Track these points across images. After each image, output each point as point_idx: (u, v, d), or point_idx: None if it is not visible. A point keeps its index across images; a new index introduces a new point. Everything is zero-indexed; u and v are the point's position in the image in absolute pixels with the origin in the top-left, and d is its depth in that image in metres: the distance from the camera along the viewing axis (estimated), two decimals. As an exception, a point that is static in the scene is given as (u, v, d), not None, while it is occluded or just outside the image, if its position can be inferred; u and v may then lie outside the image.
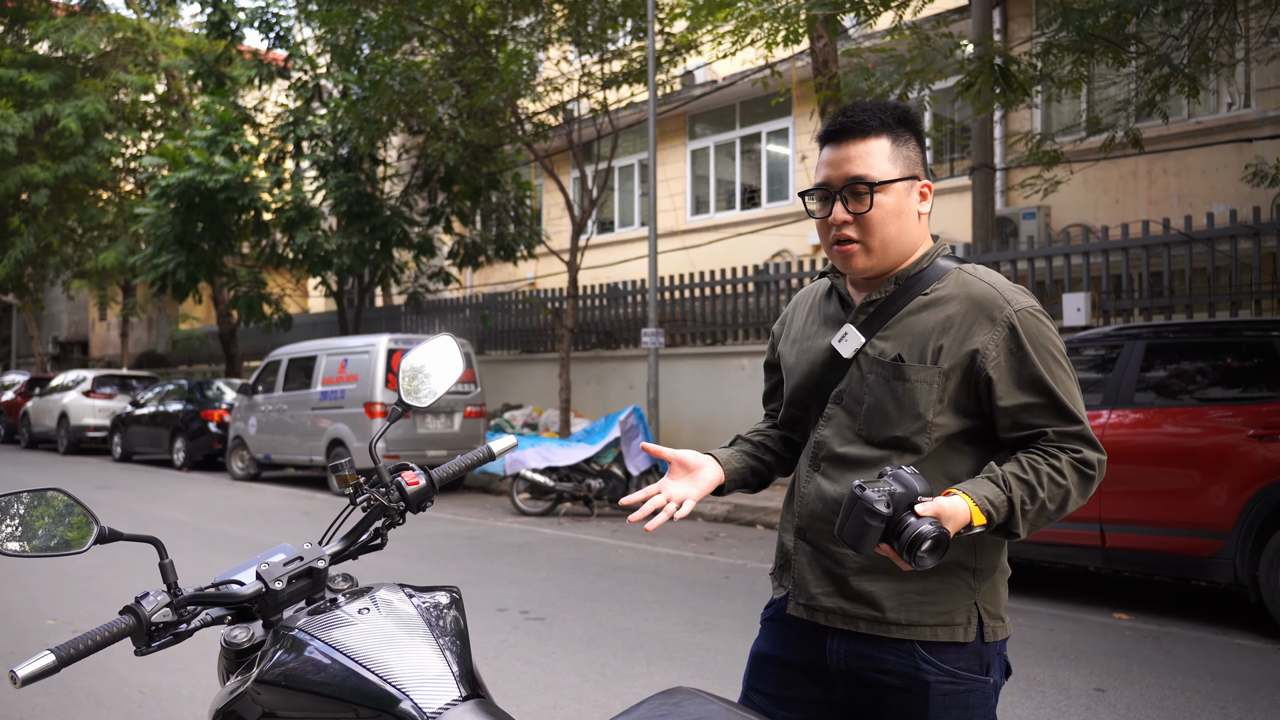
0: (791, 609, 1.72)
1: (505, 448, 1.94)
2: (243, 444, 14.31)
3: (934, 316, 1.63)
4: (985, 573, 1.64)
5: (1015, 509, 1.51)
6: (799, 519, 1.73)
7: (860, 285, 1.74)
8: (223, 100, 16.68)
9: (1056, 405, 1.58)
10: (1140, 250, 9.69)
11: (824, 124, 1.72)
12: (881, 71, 8.83)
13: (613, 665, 4.80)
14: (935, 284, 1.66)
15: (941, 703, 1.60)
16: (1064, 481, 1.55)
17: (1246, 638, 5.32)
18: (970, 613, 1.62)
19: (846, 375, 1.69)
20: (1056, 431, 1.58)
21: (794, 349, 1.83)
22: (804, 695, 1.72)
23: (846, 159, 1.64)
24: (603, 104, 13.80)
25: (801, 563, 1.72)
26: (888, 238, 1.65)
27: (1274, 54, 9.96)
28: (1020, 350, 1.58)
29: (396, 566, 7.00)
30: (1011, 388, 1.58)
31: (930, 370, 1.60)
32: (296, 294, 23.62)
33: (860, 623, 1.64)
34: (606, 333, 15.11)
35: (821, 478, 1.70)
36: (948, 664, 1.60)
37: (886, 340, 1.66)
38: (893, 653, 1.62)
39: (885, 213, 1.63)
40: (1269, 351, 5.57)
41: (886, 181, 1.63)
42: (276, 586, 1.56)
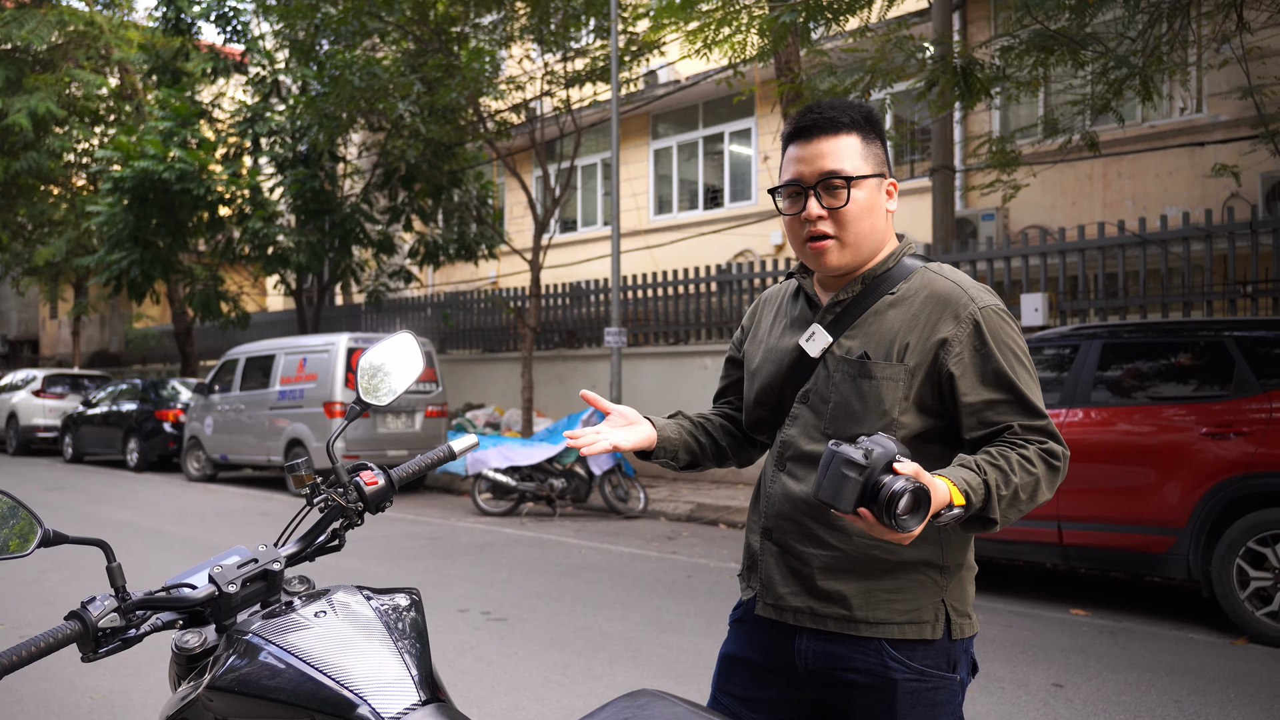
0: (760, 609, 1.72)
1: (466, 447, 1.91)
2: (198, 444, 14.08)
3: (900, 315, 1.63)
4: (953, 570, 1.65)
5: (991, 492, 1.49)
6: (765, 519, 1.72)
7: (827, 285, 1.74)
8: (178, 95, 16.38)
9: (1020, 401, 1.58)
10: (1096, 252, 9.84)
11: (790, 122, 1.70)
12: (844, 72, 8.88)
13: (575, 666, 4.77)
14: (902, 283, 1.67)
15: (909, 700, 1.60)
16: (1034, 470, 1.54)
17: (1200, 632, 5.42)
18: (938, 610, 1.62)
19: (813, 375, 1.69)
20: (1021, 425, 1.57)
21: (760, 348, 1.82)
22: (773, 697, 1.72)
23: (820, 154, 1.64)
24: (565, 103, 13.75)
25: (768, 563, 1.71)
26: (861, 233, 1.65)
27: (1225, 59, 10.17)
28: (984, 347, 1.58)
29: (355, 568, 6.91)
30: (975, 384, 1.58)
31: (896, 368, 1.60)
32: (254, 292, 23.29)
33: (828, 621, 1.64)
34: (569, 332, 15.06)
35: (787, 477, 1.69)
36: (915, 662, 1.60)
37: (854, 339, 1.66)
38: (861, 651, 1.62)
39: (860, 208, 1.63)
40: (1221, 351, 5.67)
41: (861, 176, 1.64)
42: (230, 590, 1.52)
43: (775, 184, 1.72)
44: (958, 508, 1.44)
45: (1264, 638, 5.15)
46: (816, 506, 1.62)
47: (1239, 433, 5.36)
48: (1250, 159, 10.04)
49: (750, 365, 1.84)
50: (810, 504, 1.63)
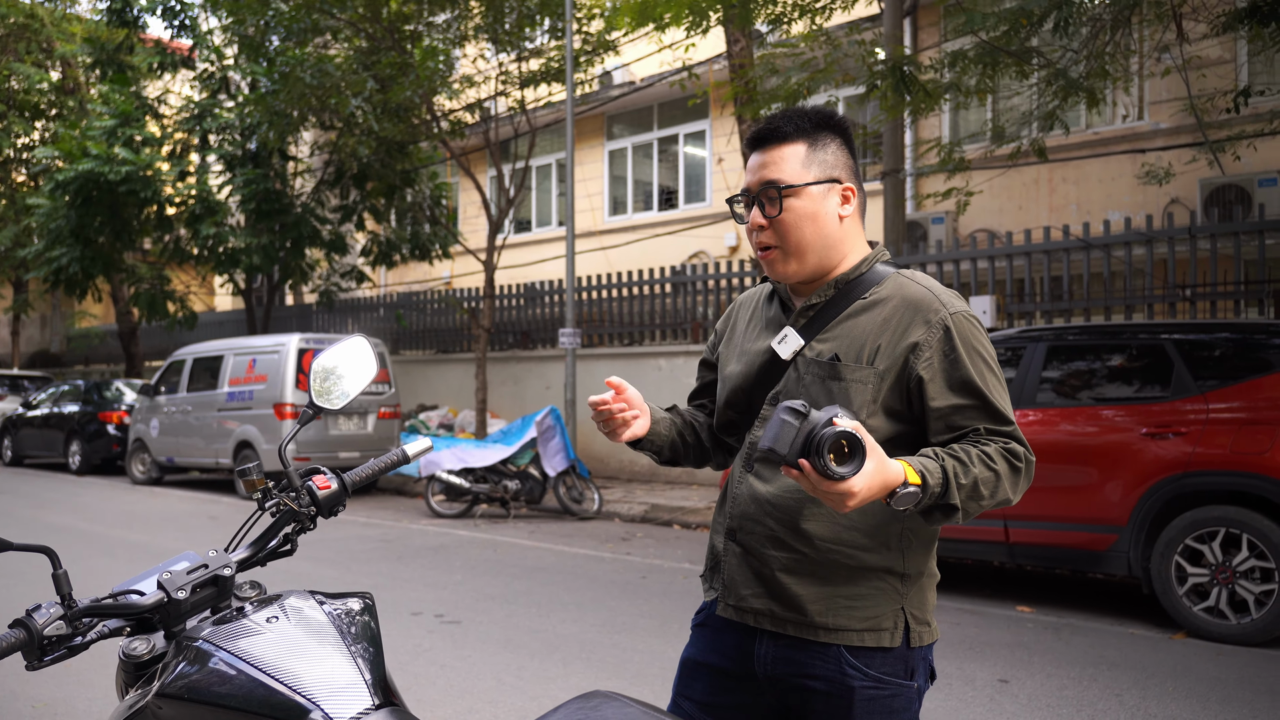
0: (721, 610, 1.73)
1: (420, 450, 1.91)
2: (144, 447, 13.80)
3: (872, 319, 1.64)
4: (913, 578, 1.65)
5: (949, 478, 1.48)
6: (730, 520, 1.73)
7: (800, 290, 1.75)
8: (123, 90, 16.04)
9: (986, 407, 1.58)
10: (1042, 255, 10.04)
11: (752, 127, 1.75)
12: (790, 72, 8.97)
13: (529, 668, 4.77)
14: (875, 288, 1.68)
15: (865, 708, 1.61)
16: (995, 466, 1.54)
17: (1140, 627, 5.56)
18: (897, 618, 1.63)
19: (783, 377, 1.70)
20: (987, 429, 1.58)
21: (734, 351, 1.83)
22: (733, 702, 1.72)
23: (763, 164, 1.67)
24: (520, 103, 13.71)
25: (731, 564, 1.71)
26: (803, 241, 1.65)
27: (1166, 68, 10.44)
28: (953, 353, 1.59)
29: (306, 572, 6.83)
30: (943, 389, 1.59)
31: (866, 370, 1.61)
32: (202, 292, 22.86)
33: (788, 625, 1.64)
34: (523, 333, 15.01)
35: (754, 478, 1.70)
36: (873, 669, 1.61)
37: (825, 342, 1.67)
38: (819, 658, 1.62)
39: (796, 216, 1.64)
40: (1160, 354, 5.83)
41: (797, 185, 1.64)
42: (179, 596, 1.50)
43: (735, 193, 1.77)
44: (912, 485, 1.44)
45: (1201, 632, 5.31)
46: (782, 507, 1.64)
47: (1177, 433, 5.51)
48: (1190, 165, 10.33)
49: (723, 368, 1.85)
50: (776, 505, 1.64)
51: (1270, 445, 5.23)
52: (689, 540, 8.84)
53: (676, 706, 1.79)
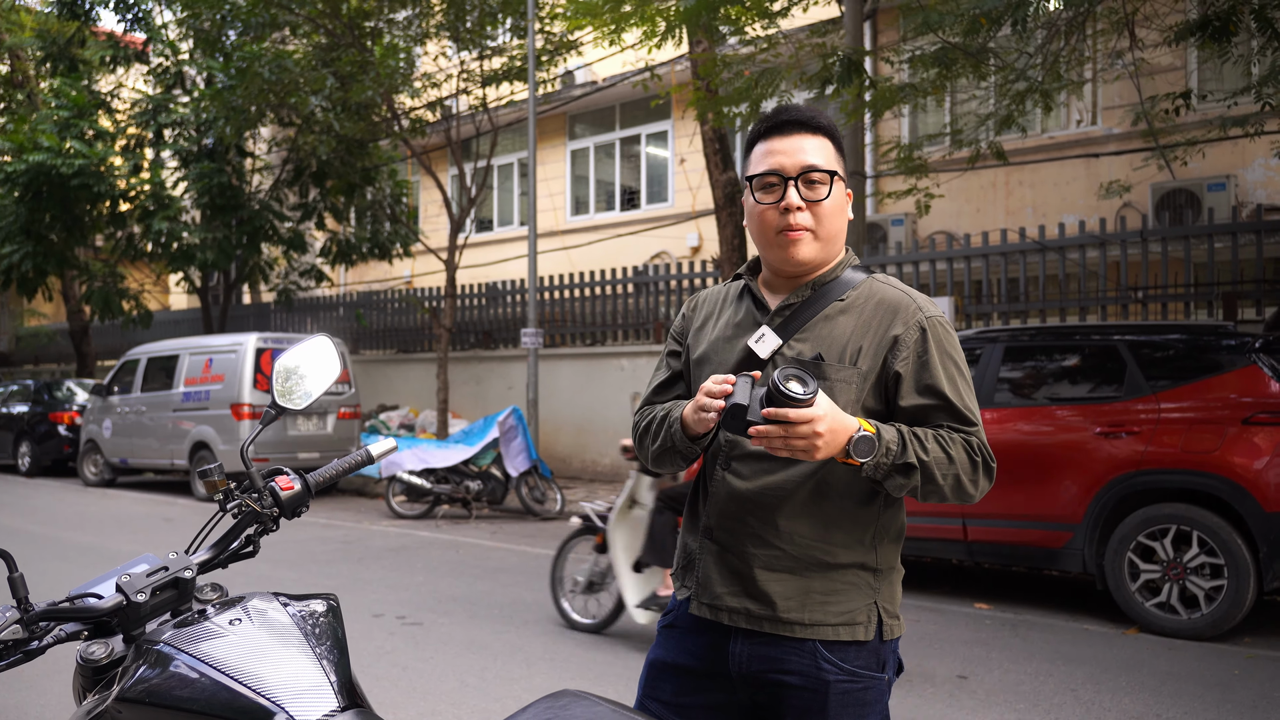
0: (695, 609, 1.72)
1: (385, 450, 1.90)
2: (96, 448, 13.54)
3: (851, 321, 1.68)
4: (885, 573, 1.69)
5: (905, 439, 1.55)
6: (707, 518, 1.73)
7: (776, 288, 1.77)
8: (75, 84, 15.71)
9: (951, 408, 1.63)
10: (999, 257, 10.19)
11: (766, 118, 1.74)
12: (754, 75, 9.02)
13: (492, 669, 4.75)
14: (850, 291, 1.72)
15: (840, 701, 1.63)
16: (951, 451, 1.58)
17: (1094, 623, 5.66)
18: (871, 612, 1.66)
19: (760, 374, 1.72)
20: (949, 426, 1.63)
21: (705, 345, 1.81)
22: (704, 702, 1.72)
23: (800, 149, 1.68)
24: (482, 101, 13.64)
25: (707, 562, 1.72)
26: (833, 230, 1.70)
27: (1119, 75, 10.64)
28: (926, 354, 1.64)
29: (266, 574, 6.75)
30: (913, 389, 1.64)
31: (849, 370, 1.65)
32: (156, 290, 22.48)
33: (764, 623, 1.65)
34: (485, 333, 14.94)
35: (732, 476, 1.70)
36: (848, 663, 1.64)
37: (804, 342, 1.69)
38: (795, 653, 1.64)
39: (835, 205, 1.69)
40: (1114, 355, 5.94)
41: (839, 174, 1.69)
42: (139, 599, 1.48)
43: (750, 174, 1.73)
44: (866, 431, 1.51)
45: (1153, 627, 5.42)
46: (762, 504, 1.65)
47: (1130, 432, 5.62)
48: (1141, 170, 10.53)
49: (694, 356, 1.83)
50: (756, 502, 1.66)
51: (1219, 444, 5.36)
52: (651, 540, 8.84)
53: (643, 708, 1.78)
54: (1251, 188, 10.72)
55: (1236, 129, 8.34)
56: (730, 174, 10.53)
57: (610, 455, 12.71)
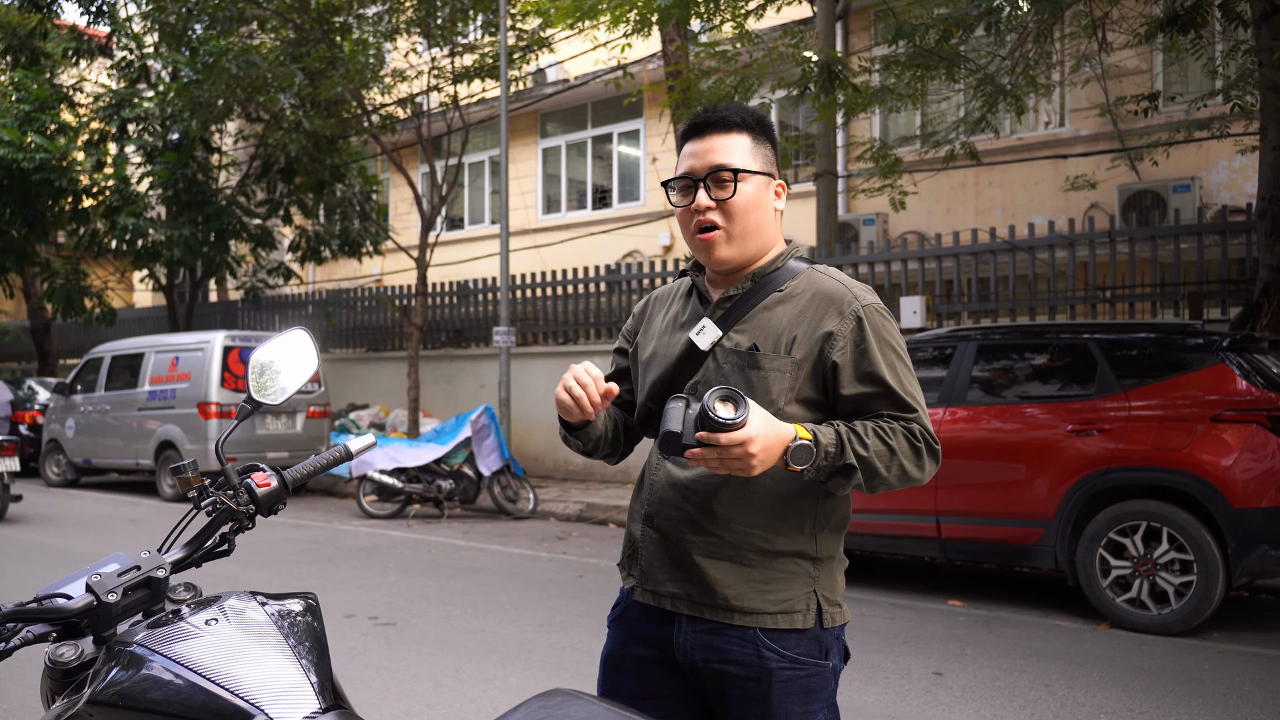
0: (639, 595, 1.75)
1: (364, 446, 1.87)
2: (59, 448, 13.31)
3: (789, 311, 1.70)
4: (824, 561, 1.70)
5: (844, 440, 1.56)
6: (648, 506, 1.76)
7: (718, 282, 1.79)
8: (36, 77, 15.42)
9: (892, 395, 1.65)
10: (970, 257, 10.26)
11: (686, 121, 1.79)
12: (727, 75, 9.03)
13: (467, 669, 4.70)
14: (790, 282, 1.74)
15: (783, 689, 1.64)
16: (891, 441, 1.60)
17: (1066, 619, 5.71)
18: (809, 600, 1.67)
19: (702, 367, 1.73)
20: (891, 414, 1.65)
21: (653, 343, 1.84)
22: (663, 690, 1.73)
23: (710, 150, 1.71)
24: (453, 98, 13.54)
25: (649, 550, 1.74)
26: (748, 227, 1.71)
27: (1087, 78, 10.76)
28: (864, 343, 1.66)
29: (235, 574, 6.64)
30: (852, 378, 1.66)
31: (784, 360, 1.67)
32: (120, 287, 22.13)
33: (704, 609, 1.68)
34: (456, 331, 14.84)
35: (672, 465, 1.73)
36: (789, 650, 1.65)
37: (743, 333, 1.71)
38: (736, 641, 1.65)
39: (747, 201, 1.70)
40: (1085, 353, 5.99)
41: (748, 171, 1.70)
42: (110, 599, 1.43)
43: (669, 179, 1.77)
44: (803, 439, 1.52)
45: (1124, 623, 5.47)
46: (700, 492, 1.68)
47: (1101, 430, 5.68)
48: (1108, 171, 10.66)
49: (640, 358, 1.86)
50: (693, 489, 1.68)
51: (1188, 441, 5.42)
52: (625, 539, 8.82)
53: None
54: (1215, 189, 10.88)
55: (1202, 131, 8.46)
56: (703, 173, 10.50)
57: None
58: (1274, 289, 7.23)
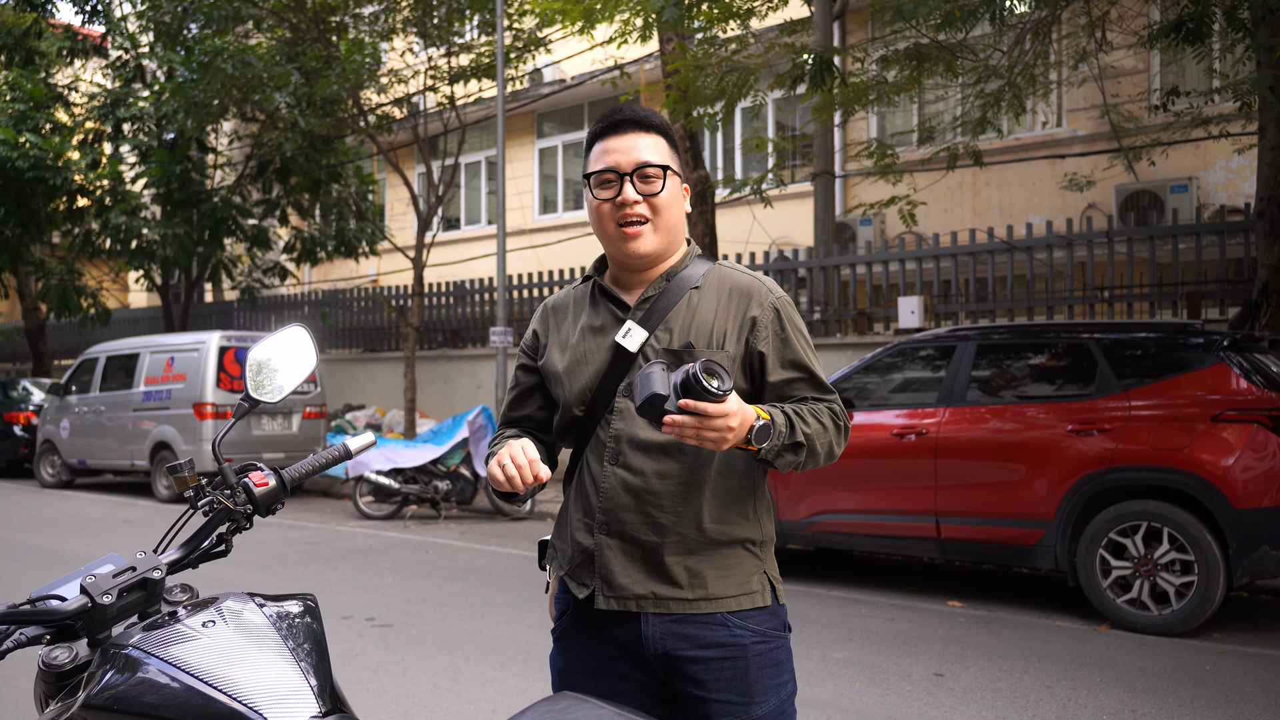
0: (602, 603, 1.75)
1: (364, 445, 1.85)
2: (53, 448, 13.25)
3: (710, 307, 1.78)
4: (767, 544, 1.81)
5: (791, 419, 1.67)
6: (600, 514, 1.76)
7: (628, 284, 1.83)
8: (31, 77, 15.35)
9: (814, 379, 1.78)
10: (967, 257, 10.26)
11: (602, 119, 1.83)
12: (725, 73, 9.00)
13: (465, 670, 4.67)
14: (701, 279, 1.81)
15: (759, 663, 1.73)
16: (822, 420, 1.73)
17: (1066, 620, 5.69)
18: (762, 580, 1.77)
19: (632, 369, 1.76)
20: (813, 398, 1.78)
21: (570, 352, 1.84)
22: (630, 687, 1.76)
23: (635, 147, 1.77)
24: (450, 98, 13.51)
25: (607, 557, 1.75)
26: (670, 222, 1.78)
27: (1084, 77, 10.76)
28: (784, 333, 1.78)
29: (230, 576, 6.61)
30: (778, 365, 1.77)
31: (720, 354, 1.75)
32: (115, 288, 22.06)
33: (670, 603, 1.72)
34: (453, 331, 14.80)
35: (621, 469, 1.74)
36: (759, 626, 1.75)
37: (669, 332, 1.77)
38: (707, 626, 1.72)
39: (671, 197, 1.78)
40: (1084, 353, 5.98)
41: (672, 169, 1.79)
42: (104, 600, 1.40)
43: (588, 171, 1.80)
44: (763, 420, 1.60)
45: (1124, 624, 5.45)
46: (655, 493, 1.72)
47: (1101, 430, 5.66)
48: (1106, 171, 10.66)
49: (554, 369, 1.85)
50: (652, 491, 1.72)
51: (1189, 441, 5.40)
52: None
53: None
54: (1213, 189, 10.89)
55: (1200, 130, 8.46)
56: (701, 172, 10.50)
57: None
58: (1273, 288, 7.23)
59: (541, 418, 1.93)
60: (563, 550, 1.83)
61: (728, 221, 12.36)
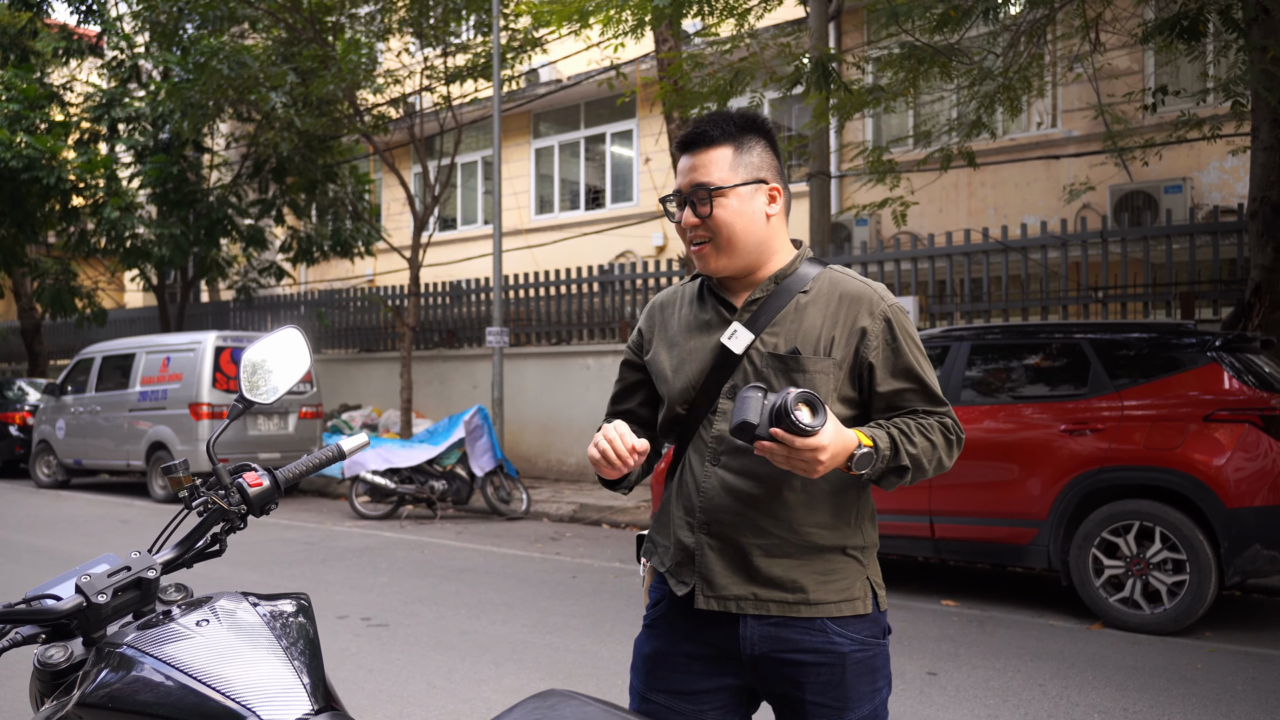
0: (701, 603, 1.74)
1: (357, 445, 1.85)
2: (49, 448, 13.24)
3: (819, 313, 1.76)
4: (870, 549, 1.80)
5: (896, 442, 1.66)
6: (701, 514, 1.76)
7: (733, 287, 1.82)
8: (26, 76, 15.34)
9: (925, 390, 1.76)
10: (962, 257, 10.28)
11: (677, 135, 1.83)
12: (719, 73, 9.01)
13: (460, 670, 4.68)
14: (810, 283, 1.79)
15: (856, 670, 1.72)
16: (932, 436, 1.72)
17: (1059, 619, 5.71)
18: (865, 587, 1.77)
19: (737, 370, 1.76)
20: (924, 410, 1.76)
21: (673, 351, 1.85)
22: (714, 685, 1.76)
23: (693, 167, 1.76)
24: (446, 98, 13.51)
25: (708, 556, 1.75)
26: (734, 238, 1.75)
27: (1078, 75, 10.78)
28: (895, 342, 1.75)
29: (226, 576, 6.62)
30: (887, 375, 1.75)
31: (826, 361, 1.73)
32: (111, 288, 22.02)
33: (770, 606, 1.72)
34: (449, 331, 14.81)
35: (723, 470, 1.74)
36: (857, 634, 1.74)
37: (776, 336, 1.75)
38: (806, 631, 1.71)
39: (728, 214, 1.74)
40: (1078, 353, 6.00)
41: (725, 187, 1.74)
42: (99, 600, 1.42)
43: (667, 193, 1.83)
44: (865, 447, 1.60)
45: (1117, 622, 5.48)
46: (757, 496, 1.71)
47: (1094, 430, 5.68)
48: (1100, 172, 10.68)
49: (660, 366, 1.86)
50: (752, 494, 1.71)
51: (1181, 441, 5.43)
52: (618, 539, 8.82)
53: (646, 702, 1.80)
54: (1207, 190, 10.91)
55: (1194, 131, 8.48)
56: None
57: (576, 454, 12.65)
58: (1265, 289, 7.25)
59: (644, 415, 1.93)
60: (663, 547, 1.83)
61: (723, 222, 12.36)
